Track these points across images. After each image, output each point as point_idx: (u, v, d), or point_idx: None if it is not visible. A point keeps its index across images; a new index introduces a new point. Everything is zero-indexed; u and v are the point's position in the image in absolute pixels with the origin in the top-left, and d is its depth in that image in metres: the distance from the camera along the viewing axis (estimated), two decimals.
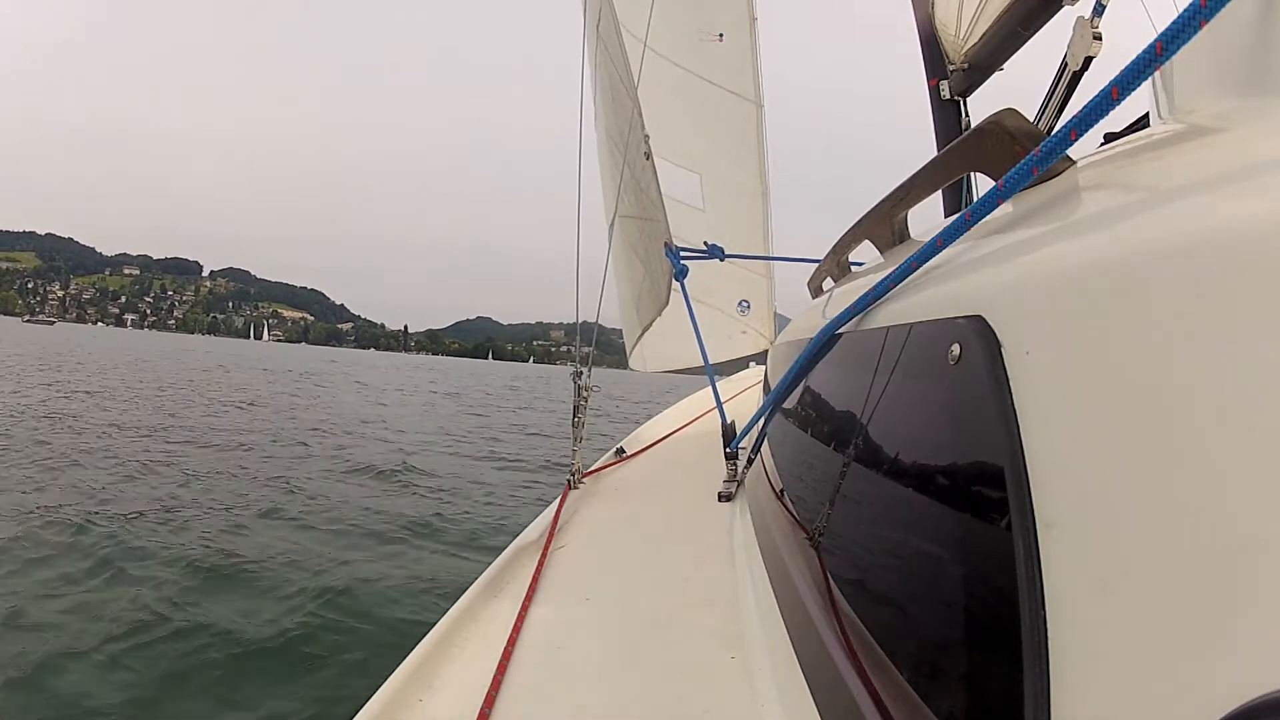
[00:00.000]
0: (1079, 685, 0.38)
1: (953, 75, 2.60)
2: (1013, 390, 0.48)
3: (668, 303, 2.82)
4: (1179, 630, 0.33)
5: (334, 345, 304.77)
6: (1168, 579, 0.34)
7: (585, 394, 2.29)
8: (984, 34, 2.27)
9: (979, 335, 0.54)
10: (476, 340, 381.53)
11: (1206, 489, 0.33)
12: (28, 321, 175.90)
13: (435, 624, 1.13)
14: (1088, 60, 1.58)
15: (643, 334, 3.48)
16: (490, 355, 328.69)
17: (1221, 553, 0.32)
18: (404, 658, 1.02)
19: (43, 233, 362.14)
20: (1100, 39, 1.49)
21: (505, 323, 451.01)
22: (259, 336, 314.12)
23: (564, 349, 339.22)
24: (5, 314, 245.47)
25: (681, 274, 2.62)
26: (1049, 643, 0.41)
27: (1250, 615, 0.30)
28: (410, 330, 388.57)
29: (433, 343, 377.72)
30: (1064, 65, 1.81)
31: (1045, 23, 1.98)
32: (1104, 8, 1.42)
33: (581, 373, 2.31)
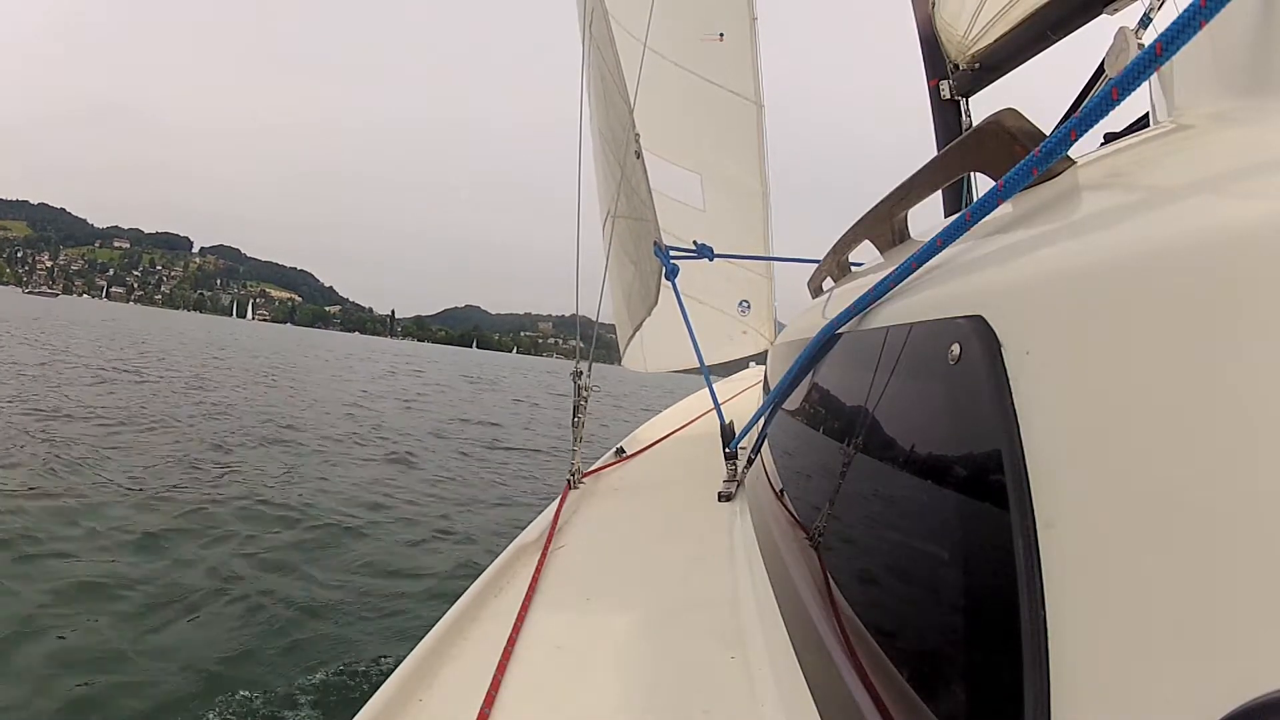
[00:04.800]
0: (1079, 685, 0.38)
1: (958, 75, 2.59)
2: (1013, 390, 0.48)
3: (656, 302, 2.81)
4: (1179, 630, 0.33)
5: (320, 327, 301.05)
6: (1168, 579, 0.34)
7: (585, 393, 2.28)
8: (1003, 35, 2.26)
9: (979, 335, 0.54)
10: (464, 329, 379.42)
11: (1206, 488, 0.33)
12: (29, 293, 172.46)
13: (435, 624, 1.13)
14: None
15: (634, 334, 3.47)
16: (475, 344, 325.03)
17: (1221, 552, 0.32)
18: (404, 658, 1.02)
19: (35, 202, 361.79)
20: (1143, 49, 1.50)
21: (494, 312, 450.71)
22: (243, 315, 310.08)
23: (551, 341, 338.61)
24: None
25: (672, 273, 2.60)
26: (1049, 643, 0.41)
27: (1250, 615, 0.30)
28: (398, 316, 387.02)
29: (420, 329, 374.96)
30: (1099, 72, 1.80)
31: (1078, 28, 1.97)
32: (1150, 20, 1.43)
33: (581, 372, 2.30)
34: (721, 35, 4.26)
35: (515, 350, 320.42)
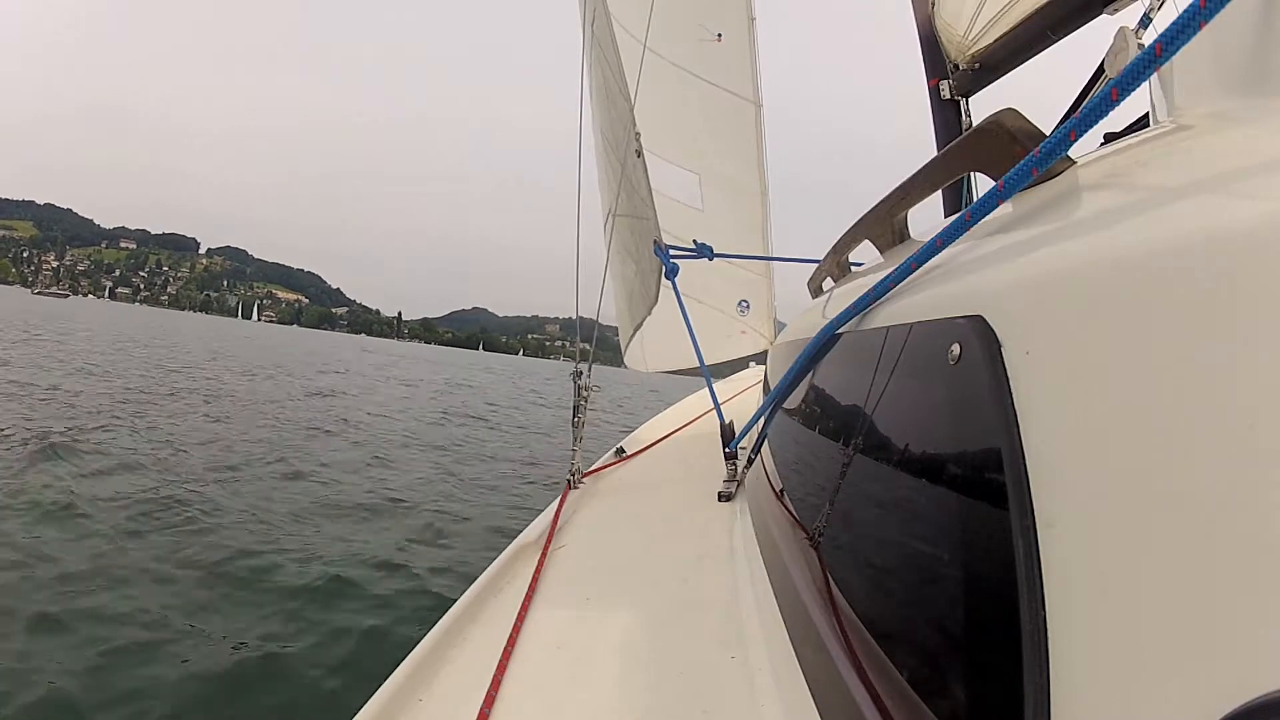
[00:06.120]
0: (1079, 685, 0.38)
1: (958, 75, 2.59)
2: (1013, 390, 0.48)
3: (656, 301, 2.82)
4: (1179, 630, 0.33)
5: (326, 329, 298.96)
6: (1168, 579, 0.34)
7: (585, 394, 2.28)
8: (1003, 35, 2.26)
9: (979, 335, 0.54)
10: (471, 330, 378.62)
11: (1206, 488, 0.33)
12: (39, 294, 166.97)
13: (435, 624, 1.13)
14: None
15: (634, 333, 3.48)
16: (482, 346, 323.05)
17: (1221, 552, 0.32)
18: (404, 658, 1.02)
19: (42, 202, 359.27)
20: (1143, 49, 1.50)
21: (501, 314, 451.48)
22: (249, 316, 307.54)
23: (558, 343, 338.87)
24: (2, 283, 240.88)
25: (672, 272, 2.60)
26: (1049, 643, 0.41)
27: (1250, 615, 0.30)
28: (406, 318, 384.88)
29: (427, 331, 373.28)
30: (1099, 72, 1.81)
31: (1078, 28, 1.98)
32: (1150, 20, 1.43)
33: (581, 372, 2.30)
34: (720, 36, 4.27)
35: (522, 352, 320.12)
